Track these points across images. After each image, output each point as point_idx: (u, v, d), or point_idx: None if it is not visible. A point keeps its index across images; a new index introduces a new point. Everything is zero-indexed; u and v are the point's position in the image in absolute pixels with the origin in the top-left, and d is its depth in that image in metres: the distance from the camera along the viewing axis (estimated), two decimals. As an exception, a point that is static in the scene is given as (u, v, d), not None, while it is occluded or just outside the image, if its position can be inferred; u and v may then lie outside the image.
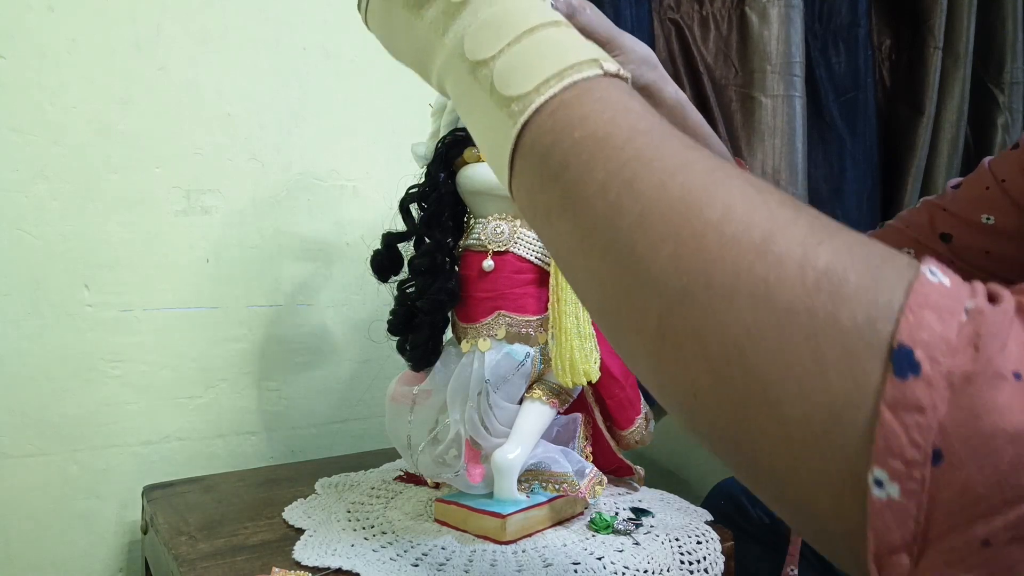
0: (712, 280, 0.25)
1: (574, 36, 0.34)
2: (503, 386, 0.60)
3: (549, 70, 0.31)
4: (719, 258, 0.25)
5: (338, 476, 0.77)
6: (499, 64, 0.33)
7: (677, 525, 0.64)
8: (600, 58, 0.32)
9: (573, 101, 0.30)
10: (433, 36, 0.37)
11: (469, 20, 0.35)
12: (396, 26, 0.41)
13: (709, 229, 0.25)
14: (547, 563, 0.56)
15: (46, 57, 0.78)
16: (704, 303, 0.25)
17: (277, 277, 0.92)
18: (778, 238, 0.24)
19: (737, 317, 0.24)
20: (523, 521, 0.60)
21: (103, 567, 0.82)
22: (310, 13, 0.93)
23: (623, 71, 0.32)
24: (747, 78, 1.06)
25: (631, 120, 0.29)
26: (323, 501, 0.70)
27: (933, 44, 1.22)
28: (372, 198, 0.98)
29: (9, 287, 0.77)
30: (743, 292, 0.24)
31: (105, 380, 0.82)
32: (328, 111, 0.95)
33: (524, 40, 0.33)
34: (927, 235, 0.63)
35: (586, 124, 0.29)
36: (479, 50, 0.34)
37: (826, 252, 0.24)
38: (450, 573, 0.54)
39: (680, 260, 0.26)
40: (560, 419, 0.67)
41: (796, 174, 1.05)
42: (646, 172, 0.27)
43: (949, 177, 1.25)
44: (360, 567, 0.55)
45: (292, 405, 0.94)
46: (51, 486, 0.79)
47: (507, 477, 0.59)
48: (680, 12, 1.09)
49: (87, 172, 0.80)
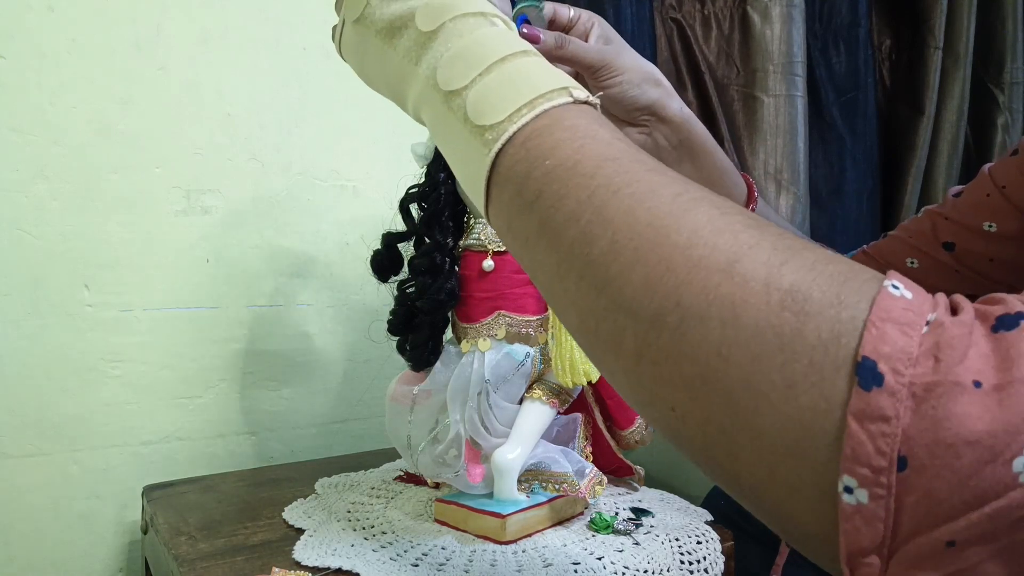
0: (682, 302, 0.26)
1: (543, 65, 0.35)
2: (503, 386, 0.60)
3: (520, 99, 0.33)
4: (687, 281, 0.26)
5: (338, 476, 0.77)
6: (471, 94, 0.34)
7: (677, 525, 0.64)
8: (570, 86, 0.33)
9: (544, 130, 0.31)
10: (407, 66, 0.38)
11: (441, 50, 0.36)
12: (370, 56, 0.42)
13: (676, 253, 0.26)
14: (547, 563, 0.56)
15: (46, 57, 0.78)
16: (675, 325, 0.26)
17: (277, 277, 0.92)
18: (743, 260, 0.25)
19: (707, 337, 0.25)
20: (523, 521, 0.60)
21: (103, 567, 0.82)
22: (310, 13, 0.93)
23: (592, 98, 0.34)
24: (749, 77, 1.06)
25: (599, 148, 0.30)
26: (323, 501, 0.70)
27: (933, 44, 1.22)
28: (372, 198, 0.98)
29: (9, 287, 0.77)
30: (712, 313, 0.25)
31: (105, 380, 0.82)
32: (328, 111, 0.95)
33: (495, 70, 0.34)
34: (929, 244, 0.62)
35: (556, 153, 0.31)
36: (452, 80, 0.35)
37: (790, 271, 0.25)
38: (450, 573, 0.54)
39: (651, 284, 0.27)
40: (560, 419, 0.67)
41: (798, 174, 1.05)
42: (615, 199, 0.28)
43: (949, 177, 1.25)
44: (360, 567, 0.54)
45: (292, 405, 0.94)
46: (51, 486, 0.79)
47: (507, 477, 0.59)
48: (682, 11, 1.09)
49: (87, 172, 0.80)
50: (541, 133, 0.31)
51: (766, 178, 1.05)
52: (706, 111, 1.08)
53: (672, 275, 0.26)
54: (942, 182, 1.25)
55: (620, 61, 0.57)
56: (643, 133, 0.60)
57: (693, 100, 1.09)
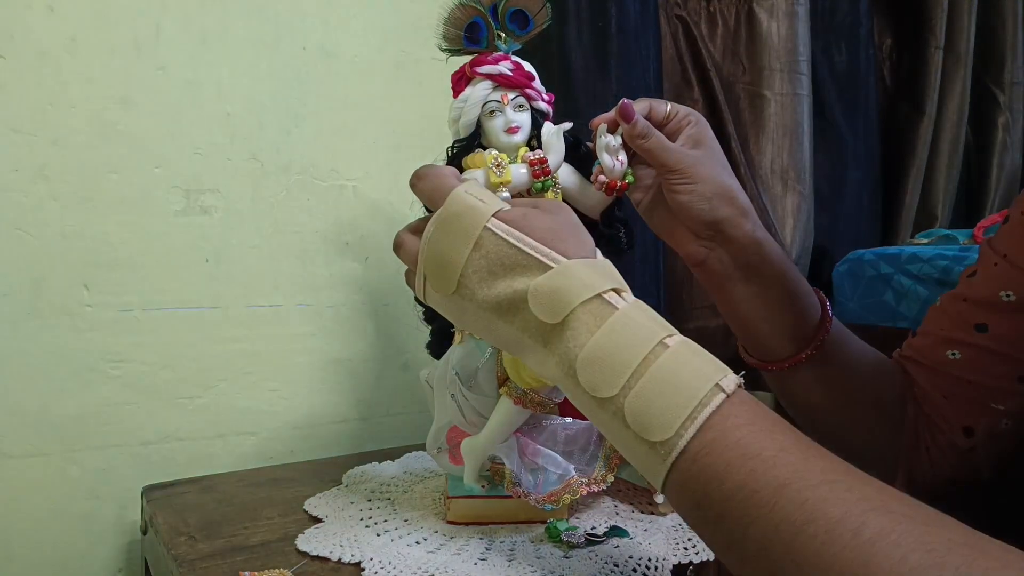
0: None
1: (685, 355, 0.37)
2: (474, 378, 0.61)
3: (681, 412, 0.35)
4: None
5: (360, 468, 0.80)
6: (628, 405, 0.37)
7: (643, 553, 0.59)
8: (720, 380, 0.36)
9: (712, 446, 0.35)
10: (528, 341, 0.41)
11: (571, 345, 0.39)
12: (472, 319, 0.45)
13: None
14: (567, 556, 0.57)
15: (46, 57, 0.78)
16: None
17: (277, 277, 0.92)
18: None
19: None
20: (470, 507, 0.63)
21: (103, 567, 0.82)
22: (310, 13, 0.93)
23: (739, 380, 0.37)
24: (755, 76, 1.05)
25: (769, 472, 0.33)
26: (343, 491, 0.73)
27: (934, 44, 1.22)
28: (372, 198, 0.98)
29: (9, 287, 0.77)
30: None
31: (105, 380, 0.82)
32: (328, 111, 0.95)
33: (644, 377, 0.37)
34: (963, 330, 0.58)
35: (731, 477, 0.34)
36: (599, 388, 0.38)
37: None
38: (465, 558, 0.56)
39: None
40: (572, 424, 0.64)
41: (803, 173, 1.04)
42: (799, 540, 0.31)
43: (949, 177, 1.25)
44: (368, 554, 0.57)
45: (292, 405, 0.94)
46: (51, 486, 0.79)
47: (466, 462, 0.62)
48: (687, 8, 1.08)
49: (87, 172, 0.80)
50: (710, 452, 0.35)
51: (772, 177, 1.05)
52: (713, 110, 1.07)
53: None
54: (942, 182, 1.25)
55: (697, 170, 0.55)
56: (704, 247, 0.58)
57: (699, 99, 1.08)
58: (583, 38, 0.93)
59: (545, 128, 0.60)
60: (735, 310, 0.62)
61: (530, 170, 0.58)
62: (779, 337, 0.61)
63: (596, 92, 0.93)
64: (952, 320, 0.59)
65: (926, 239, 1.07)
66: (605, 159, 0.57)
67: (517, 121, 0.59)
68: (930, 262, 0.91)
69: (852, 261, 1.02)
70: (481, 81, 0.59)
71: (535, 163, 0.58)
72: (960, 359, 0.58)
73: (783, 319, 0.61)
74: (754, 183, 1.04)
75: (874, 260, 0.98)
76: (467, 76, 0.60)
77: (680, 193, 0.56)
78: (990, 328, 0.56)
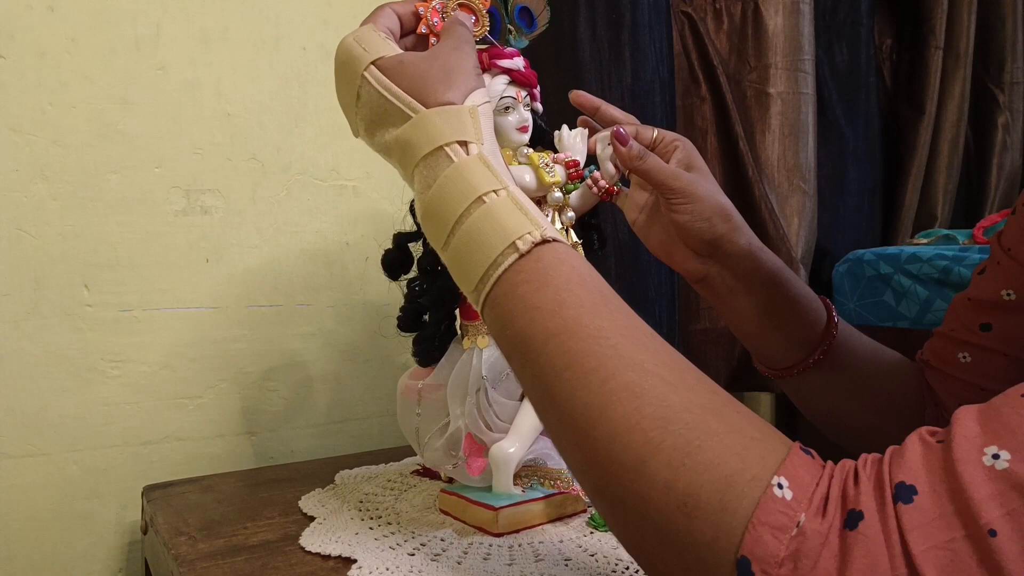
0: (609, 489, 0.33)
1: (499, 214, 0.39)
2: (502, 383, 0.60)
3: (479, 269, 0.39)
4: (609, 472, 0.32)
5: (358, 469, 0.79)
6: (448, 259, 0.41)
7: None
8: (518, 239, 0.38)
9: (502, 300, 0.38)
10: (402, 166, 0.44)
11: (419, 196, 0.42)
12: None
13: (600, 447, 0.33)
14: (539, 557, 0.56)
15: (46, 57, 0.78)
16: (606, 505, 0.34)
17: (277, 277, 0.92)
18: (650, 461, 0.31)
19: (628, 521, 0.33)
20: (516, 515, 0.61)
21: (103, 567, 0.82)
22: (310, 13, 0.93)
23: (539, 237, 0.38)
24: (762, 73, 1.04)
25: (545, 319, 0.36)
26: (339, 491, 0.72)
27: (934, 44, 1.21)
28: (372, 198, 0.98)
29: (9, 287, 0.77)
30: (629, 504, 0.32)
31: (105, 380, 0.82)
32: (328, 111, 0.95)
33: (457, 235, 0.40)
34: (969, 331, 0.57)
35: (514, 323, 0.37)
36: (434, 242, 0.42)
37: (685, 476, 0.30)
38: (443, 563, 0.54)
39: (587, 466, 0.34)
40: None
41: (807, 171, 1.04)
42: (556, 382, 0.35)
43: (949, 177, 1.25)
44: (359, 554, 0.56)
45: (292, 405, 0.94)
46: (51, 486, 0.79)
47: (502, 471, 0.60)
48: (693, 5, 1.07)
49: (87, 172, 0.80)
50: (500, 303, 0.38)
51: (779, 176, 1.04)
52: (720, 107, 1.06)
53: (600, 465, 0.33)
54: (942, 182, 1.25)
55: (694, 189, 0.57)
56: (703, 264, 0.60)
57: (707, 96, 1.08)
58: (597, 31, 0.92)
59: (564, 131, 0.60)
60: (739, 321, 0.62)
61: (567, 172, 0.58)
62: (785, 344, 0.62)
63: (610, 84, 0.92)
64: (961, 320, 0.58)
65: (926, 239, 1.07)
66: (608, 167, 0.59)
67: (528, 120, 0.59)
68: (930, 262, 0.91)
69: (852, 261, 1.01)
70: (499, 75, 0.58)
71: (571, 165, 0.58)
72: (970, 362, 0.57)
73: (787, 326, 0.61)
74: (762, 182, 1.03)
75: (874, 260, 0.98)
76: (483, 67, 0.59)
77: (681, 213, 0.57)
78: (993, 327, 0.55)
